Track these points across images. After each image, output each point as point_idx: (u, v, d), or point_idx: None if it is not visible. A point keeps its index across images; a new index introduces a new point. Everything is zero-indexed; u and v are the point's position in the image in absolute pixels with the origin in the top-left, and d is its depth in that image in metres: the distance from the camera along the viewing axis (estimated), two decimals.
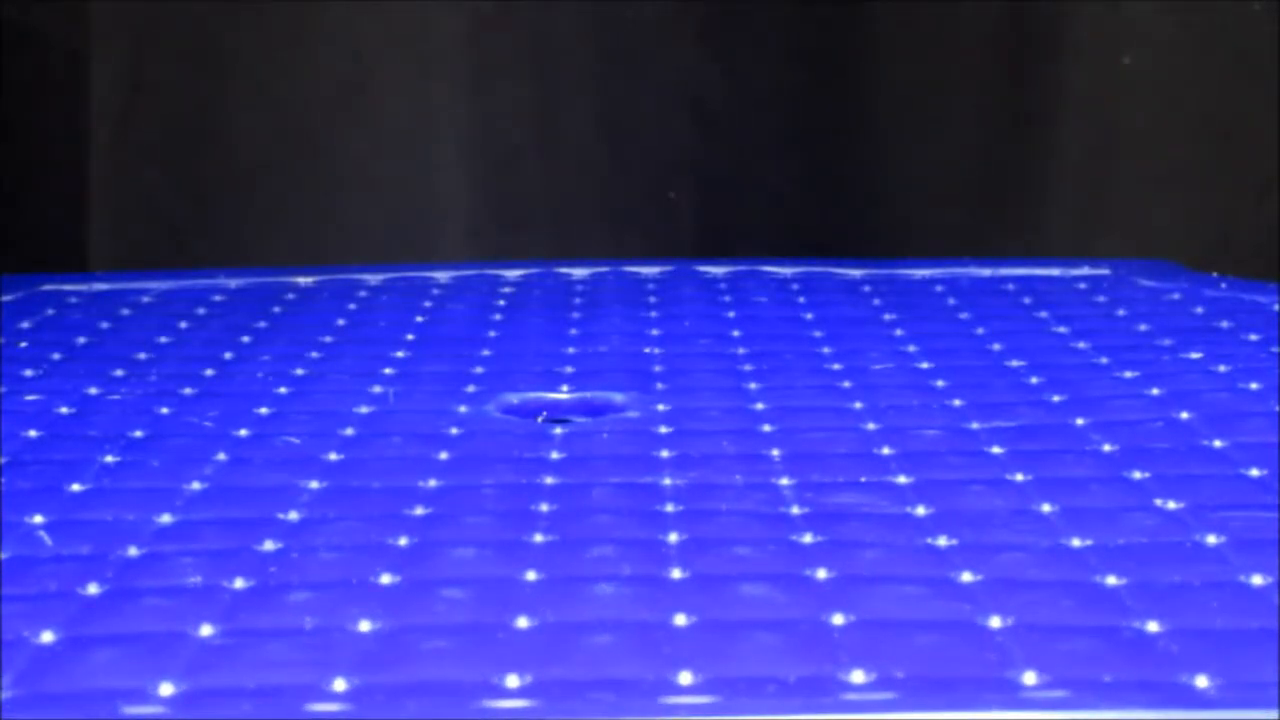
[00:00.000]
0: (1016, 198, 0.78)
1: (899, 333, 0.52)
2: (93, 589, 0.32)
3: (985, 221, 0.79)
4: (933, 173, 0.78)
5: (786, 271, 0.61)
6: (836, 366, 0.48)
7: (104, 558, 0.33)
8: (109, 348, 0.51)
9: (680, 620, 0.30)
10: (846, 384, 0.46)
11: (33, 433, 0.42)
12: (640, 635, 0.29)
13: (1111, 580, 0.32)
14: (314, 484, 0.38)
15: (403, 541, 0.34)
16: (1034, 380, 0.46)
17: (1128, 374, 0.46)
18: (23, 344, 0.51)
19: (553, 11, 0.78)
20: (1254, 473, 0.38)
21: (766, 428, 0.42)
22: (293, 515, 0.36)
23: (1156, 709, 0.27)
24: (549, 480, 0.38)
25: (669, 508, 0.36)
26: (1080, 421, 0.42)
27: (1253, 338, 0.50)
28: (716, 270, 0.61)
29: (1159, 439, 0.40)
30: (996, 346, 0.50)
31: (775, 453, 0.40)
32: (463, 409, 0.44)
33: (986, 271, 0.60)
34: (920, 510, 0.36)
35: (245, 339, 0.51)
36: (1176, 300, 0.56)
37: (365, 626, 0.30)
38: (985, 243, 0.74)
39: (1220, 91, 0.77)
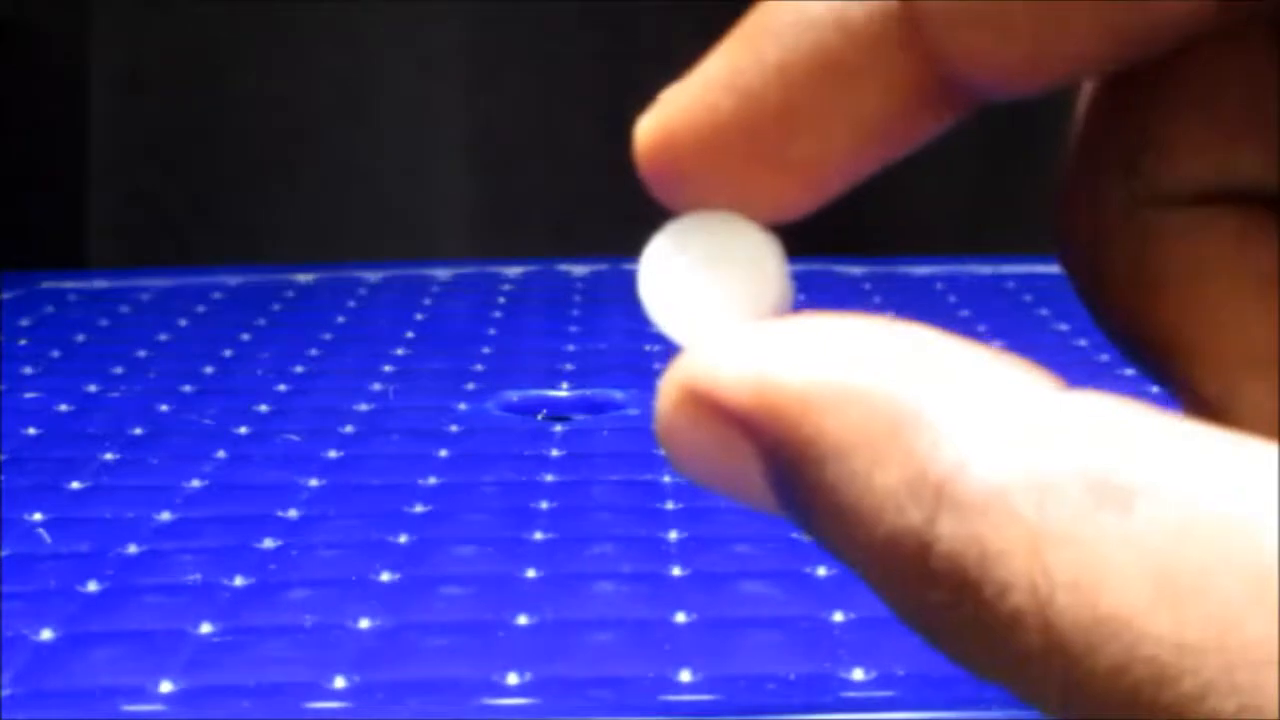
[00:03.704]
0: (1018, 195, 0.78)
1: None
2: (92, 586, 0.32)
3: (986, 218, 0.79)
4: (933, 169, 0.78)
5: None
6: None
7: (103, 555, 0.33)
8: (108, 345, 0.51)
9: (680, 618, 0.30)
10: None
11: (32, 430, 0.42)
12: (640, 633, 0.29)
13: None
14: (314, 481, 0.38)
15: (402, 539, 0.34)
16: None
17: (1129, 371, 0.46)
18: (22, 341, 0.50)
19: (553, 11, 0.78)
20: None
21: None
22: (292, 513, 0.36)
23: None
24: (549, 478, 0.38)
25: (669, 505, 0.36)
26: None
27: None
28: None
29: None
30: (997, 344, 0.50)
31: None
32: (462, 406, 0.44)
33: (987, 269, 0.60)
34: None
35: (245, 336, 0.51)
36: None
37: (365, 624, 0.30)
38: (986, 240, 0.74)
39: None
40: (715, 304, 0.19)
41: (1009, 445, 0.15)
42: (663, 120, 0.19)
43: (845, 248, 0.63)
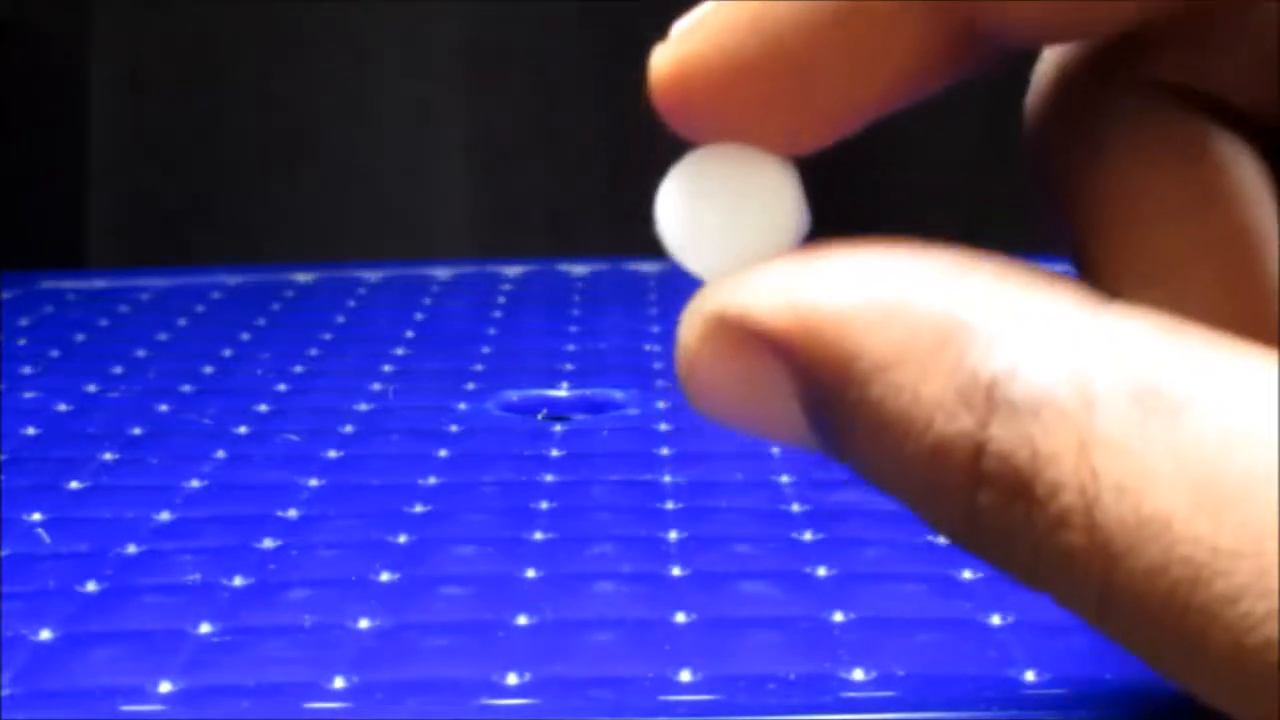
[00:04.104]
0: (1018, 194, 0.78)
1: None
2: (91, 587, 0.32)
3: (986, 218, 0.79)
4: (933, 169, 0.78)
5: None
6: None
7: (103, 555, 0.33)
8: (108, 345, 0.51)
9: (680, 618, 0.30)
10: None
11: (31, 430, 0.42)
12: (640, 633, 0.29)
13: None
14: (313, 481, 0.38)
15: (402, 539, 0.34)
16: None
17: None
18: (22, 341, 0.50)
19: (553, 11, 0.78)
20: None
21: None
22: (292, 513, 0.36)
23: (1158, 707, 0.27)
24: (549, 478, 0.38)
25: (669, 505, 0.36)
26: None
27: None
28: None
29: None
30: None
31: (775, 449, 0.40)
32: (462, 406, 0.44)
33: None
34: None
35: (245, 336, 0.51)
36: None
37: (365, 624, 0.30)
38: (986, 240, 0.74)
39: None
40: (735, 235, 0.19)
41: (1058, 353, 0.15)
42: (680, 54, 0.19)
43: None
